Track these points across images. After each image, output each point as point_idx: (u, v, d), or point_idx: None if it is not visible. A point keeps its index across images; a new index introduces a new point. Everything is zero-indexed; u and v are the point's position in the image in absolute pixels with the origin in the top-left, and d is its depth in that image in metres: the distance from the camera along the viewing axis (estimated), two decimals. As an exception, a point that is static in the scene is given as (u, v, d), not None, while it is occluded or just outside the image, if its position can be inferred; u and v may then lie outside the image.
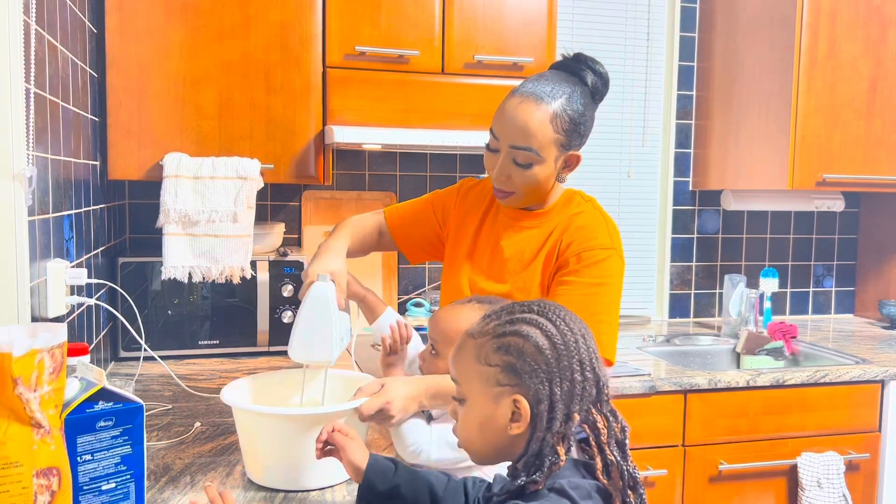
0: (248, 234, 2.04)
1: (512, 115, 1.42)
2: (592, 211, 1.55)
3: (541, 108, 1.41)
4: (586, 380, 0.93)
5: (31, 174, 1.31)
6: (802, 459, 2.25)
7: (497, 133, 1.46)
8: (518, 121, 1.41)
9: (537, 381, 0.91)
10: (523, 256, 1.55)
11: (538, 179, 1.46)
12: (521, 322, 0.94)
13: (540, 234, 1.55)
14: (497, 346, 0.94)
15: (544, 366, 0.91)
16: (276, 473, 1.30)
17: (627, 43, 2.96)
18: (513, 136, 1.42)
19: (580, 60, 1.49)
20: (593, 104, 1.48)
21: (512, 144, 1.43)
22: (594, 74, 1.48)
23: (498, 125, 1.45)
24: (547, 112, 1.41)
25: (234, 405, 1.30)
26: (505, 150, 1.44)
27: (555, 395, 0.90)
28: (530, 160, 1.43)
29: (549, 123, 1.41)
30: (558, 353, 0.92)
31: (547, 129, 1.41)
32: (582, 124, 1.45)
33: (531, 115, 1.41)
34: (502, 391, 0.93)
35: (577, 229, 1.50)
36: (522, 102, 1.42)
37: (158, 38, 2.04)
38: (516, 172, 1.45)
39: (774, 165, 2.63)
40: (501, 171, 1.46)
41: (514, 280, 1.54)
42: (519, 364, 0.92)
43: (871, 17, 2.61)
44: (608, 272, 1.46)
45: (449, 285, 1.64)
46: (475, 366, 0.95)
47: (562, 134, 1.43)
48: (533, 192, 1.49)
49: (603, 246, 1.47)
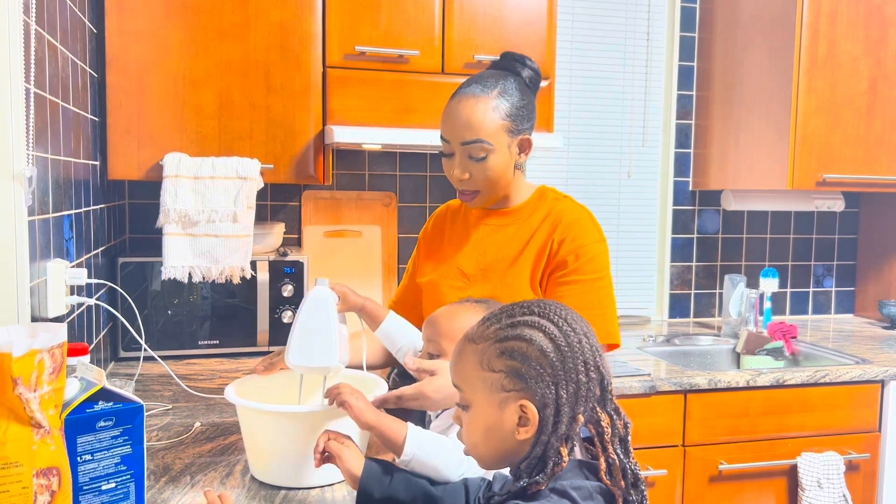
0: (248, 234, 2.05)
1: (455, 114, 1.51)
2: (573, 205, 1.60)
3: (480, 101, 1.49)
4: (591, 380, 0.92)
5: (31, 174, 1.31)
6: (802, 459, 2.25)
7: (447, 136, 1.53)
8: (461, 118, 1.49)
9: (543, 385, 0.90)
10: (507, 255, 1.58)
11: (496, 170, 1.52)
12: (522, 325, 0.93)
13: (521, 232, 1.59)
14: (500, 351, 0.92)
15: (549, 369, 0.90)
16: (278, 471, 1.31)
17: (627, 43, 2.96)
18: (461, 133, 1.50)
19: (508, 57, 1.59)
20: (529, 91, 1.57)
21: (462, 141, 1.50)
22: (525, 66, 1.58)
23: (446, 128, 1.53)
24: (487, 103, 1.49)
25: (238, 403, 1.30)
26: (458, 149, 1.52)
27: (561, 399, 0.90)
28: (484, 151, 1.49)
29: (491, 112, 1.49)
30: (563, 356, 0.91)
31: (490, 117, 1.49)
32: (523, 108, 1.53)
33: (473, 109, 1.49)
34: (508, 397, 0.91)
35: (568, 226, 1.54)
36: (461, 101, 1.51)
37: (158, 38, 2.04)
38: (474, 168, 1.52)
39: (774, 165, 2.63)
40: (461, 170, 1.52)
41: (498, 279, 1.57)
42: (524, 369, 0.90)
43: (871, 17, 2.61)
44: (604, 264, 1.54)
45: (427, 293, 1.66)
46: (478, 372, 0.94)
47: (507, 120, 1.50)
48: (496, 185, 1.55)
49: (594, 240, 1.54)
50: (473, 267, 1.62)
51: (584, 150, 2.95)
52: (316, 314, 1.37)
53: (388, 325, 1.53)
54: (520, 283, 1.54)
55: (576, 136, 2.93)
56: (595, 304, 1.50)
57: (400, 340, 1.52)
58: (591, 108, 2.95)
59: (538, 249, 1.55)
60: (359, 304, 1.52)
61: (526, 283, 1.54)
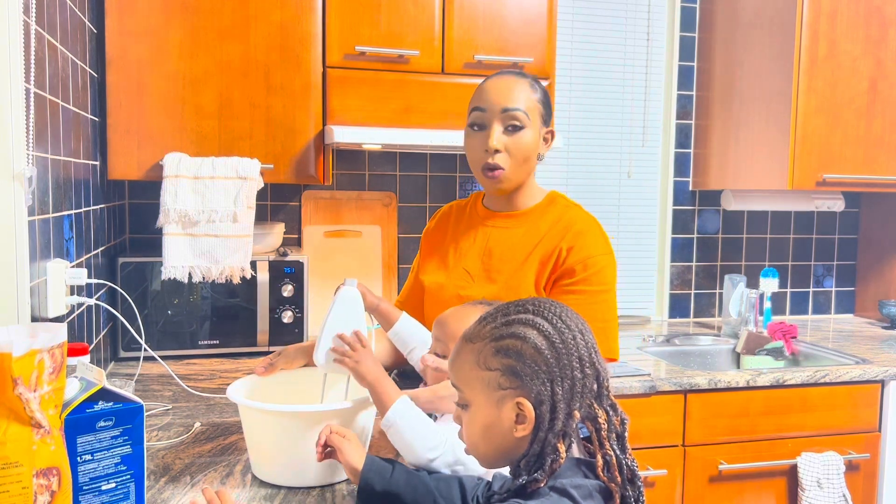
0: (248, 234, 2.05)
1: (497, 86, 1.56)
2: (585, 214, 1.61)
3: (520, 81, 1.57)
4: (586, 376, 0.92)
5: (31, 174, 1.31)
6: (802, 459, 2.25)
7: (484, 105, 1.56)
8: (504, 88, 1.55)
9: (539, 382, 0.90)
10: (514, 257, 1.58)
11: (528, 148, 1.56)
12: (517, 323, 0.94)
13: (529, 235, 1.59)
14: (496, 350, 0.93)
15: (544, 366, 0.91)
16: (279, 470, 1.31)
17: (627, 43, 2.96)
18: (504, 100, 1.54)
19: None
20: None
21: (504, 108, 1.53)
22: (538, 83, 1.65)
23: (483, 98, 1.56)
24: (525, 83, 1.57)
25: (240, 402, 1.30)
26: (497, 117, 1.54)
27: (556, 395, 0.90)
28: (522, 122, 1.54)
29: (530, 90, 1.56)
30: (557, 353, 0.91)
31: (531, 95, 1.56)
32: (548, 104, 1.61)
33: (515, 83, 1.56)
34: (505, 395, 0.92)
35: (577, 235, 1.55)
36: (503, 78, 1.58)
37: (158, 38, 2.04)
38: (509, 141, 1.54)
39: (774, 165, 2.63)
40: (497, 140, 1.54)
41: (504, 281, 1.57)
42: (519, 367, 0.91)
43: (871, 17, 2.61)
44: (610, 277, 1.56)
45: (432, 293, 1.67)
46: (475, 371, 0.94)
47: (541, 105, 1.58)
48: (521, 166, 1.57)
49: (603, 252, 1.56)
50: (478, 267, 1.62)
51: (584, 150, 2.95)
52: (345, 315, 1.38)
53: (401, 326, 1.55)
54: (525, 286, 1.55)
55: (576, 136, 2.93)
56: (597, 317, 1.50)
57: (412, 342, 1.54)
58: (591, 108, 2.95)
59: (545, 253, 1.56)
60: (374, 304, 1.55)
61: (531, 286, 1.55)
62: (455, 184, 2.75)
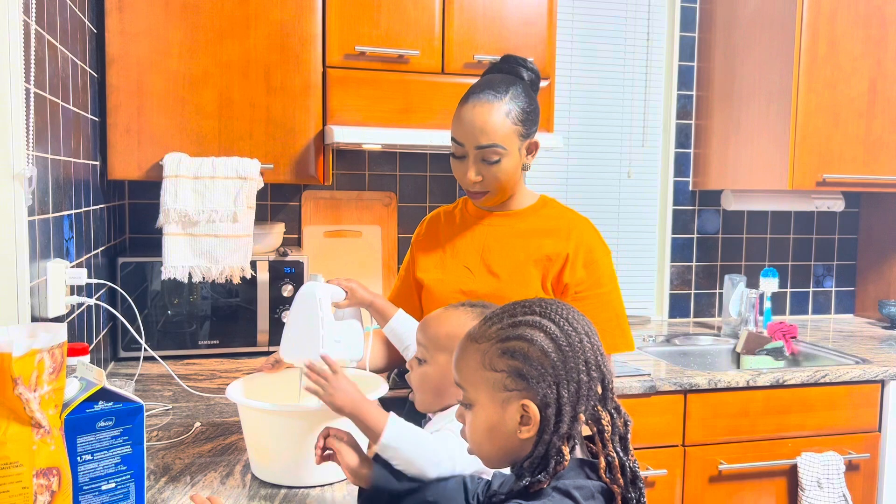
0: (248, 234, 2.05)
1: (470, 119, 1.53)
2: (581, 217, 1.66)
3: (494, 108, 1.52)
4: (592, 379, 0.92)
5: (31, 174, 1.31)
6: (802, 459, 2.25)
7: (460, 140, 1.56)
8: (477, 123, 1.52)
9: (545, 384, 0.90)
10: (514, 252, 1.62)
11: (507, 172, 1.56)
12: (524, 325, 0.93)
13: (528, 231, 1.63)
14: (502, 351, 0.92)
15: (551, 369, 0.90)
16: (279, 469, 1.31)
17: (627, 43, 2.96)
18: (476, 137, 1.53)
19: (509, 61, 1.63)
20: (533, 94, 1.61)
21: (478, 145, 1.53)
22: (527, 70, 1.61)
23: (459, 132, 1.56)
24: (501, 110, 1.52)
25: (239, 402, 1.31)
26: (472, 153, 1.55)
27: (562, 398, 0.90)
28: (498, 154, 1.53)
29: (505, 118, 1.52)
30: (564, 356, 0.91)
31: (506, 123, 1.52)
32: (531, 112, 1.57)
33: (489, 115, 1.52)
34: (510, 396, 0.92)
35: (582, 240, 1.61)
36: (476, 106, 1.53)
37: (158, 37, 2.04)
38: (487, 171, 1.55)
39: (774, 165, 2.63)
40: (474, 172, 1.56)
41: (507, 274, 1.60)
42: (525, 369, 0.91)
43: (871, 17, 2.61)
44: (613, 271, 1.64)
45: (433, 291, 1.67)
46: (480, 371, 0.94)
47: (519, 125, 1.54)
48: (505, 186, 1.59)
49: (606, 252, 1.63)
50: (478, 262, 1.64)
51: (584, 150, 2.95)
52: (302, 309, 1.38)
53: (396, 322, 1.55)
54: (531, 282, 1.58)
55: (576, 136, 2.93)
56: (612, 315, 1.59)
57: (408, 339, 1.53)
58: (591, 108, 2.95)
59: (552, 253, 1.59)
60: (367, 300, 1.55)
61: (537, 283, 1.59)
62: (455, 184, 2.75)
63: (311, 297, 1.38)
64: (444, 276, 1.66)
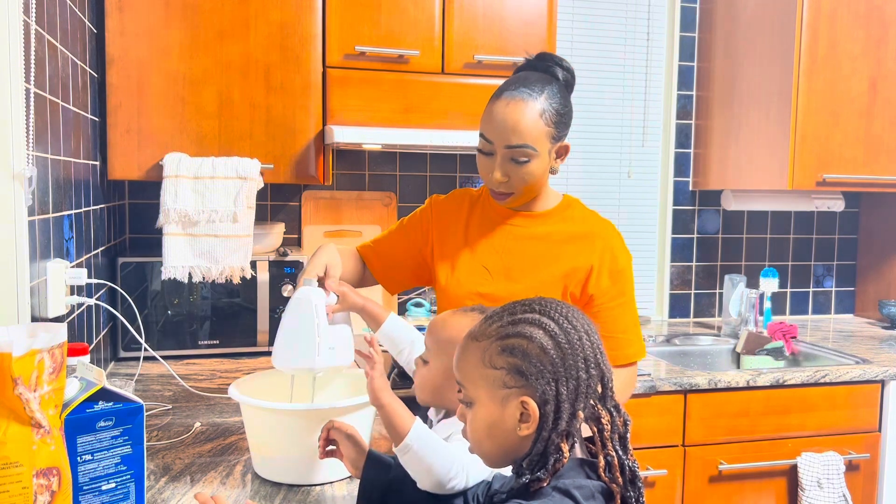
0: (248, 234, 2.05)
1: (502, 117, 1.46)
2: (606, 223, 1.62)
3: (528, 106, 1.46)
4: (591, 377, 0.93)
5: (31, 174, 1.31)
6: (802, 459, 2.25)
7: (490, 137, 1.49)
8: (509, 122, 1.46)
9: (543, 381, 0.91)
10: (536, 258, 1.57)
11: (535, 174, 1.50)
12: (523, 323, 0.94)
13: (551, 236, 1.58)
14: (501, 349, 0.93)
15: (550, 366, 0.91)
16: (281, 468, 1.31)
17: (627, 43, 2.96)
18: (507, 136, 1.46)
19: (545, 59, 1.56)
20: (568, 95, 1.55)
21: (508, 145, 1.47)
22: (562, 69, 1.55)
23: (489, 129, 1.49)
24: (535, 109, 1.46)
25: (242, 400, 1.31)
26: (501, 151, 1.48)
27: (561, 395, 0.91)
28: (527, 156, 1.47)
29: (539, 119, 1.46)
30: (563, 353, 0.92)
31: (538, 124, 1.46)
32: (565, 115, 1.52)
33: (522, 114, 1.45)
34: (509, 393, 0.92)
35: (605, 250, 1.57)
36: (510, 104, 1.47)
37: (158, 38, 2.04)
38: (514, 171, 1.49)
39: (774, 165, 2.63)
40: (501, 172, 1.49)
41: (528, 281, 1.55)
42: (524, 366, 0.91)
43: (871, 17, 2.61)
44: (633, 277, 1.62)
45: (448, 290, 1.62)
46: (480, 369, 0.95)
47: (552, 126, 1.48)
48: (531, 188, 1.53)
49: (628, 259, 1.60)
50: (498, 265, 1.58)
51: (584, 150, 2.95)
52: (297, 315, 1.35)
53: (388, 326, 1.51)
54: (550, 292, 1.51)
55: (576, 136, 2.93)
56: (631, 322, 1.59)
57: (401, 342, 1.50)
58: (591, 108, 2.95)
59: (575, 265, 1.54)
60: (359, 304, 1.51)
61: (559, 287, 1.54)
62: (455, 184, 2.75)
63: (307, 303, 1.35)
64: (460, 276, 1.60)
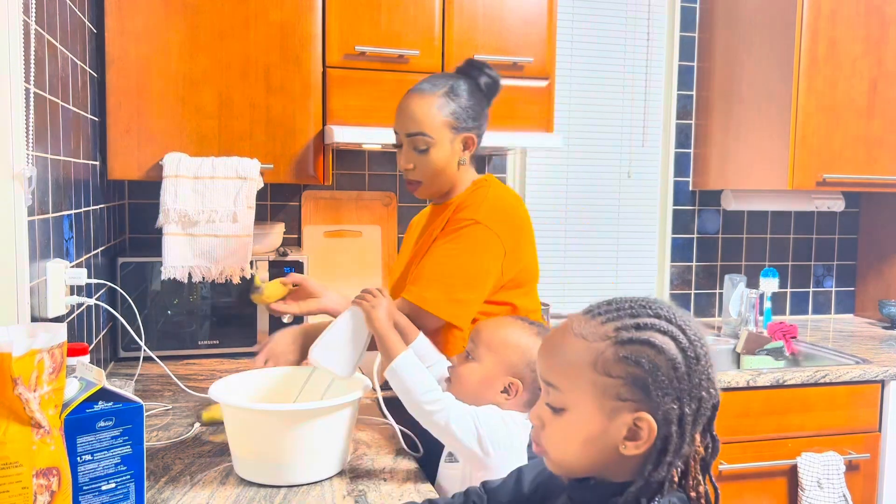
0: (247, 234, 2.04)
1: (403, 108, 1.63)
2: (492, 191, 1.65)
3: (425, 98, 1.61)
4: (711, 397, 0.83)
5: (31, 174, 1.31)
6: (802, 459, 2.25)
7: (396, 128, 1.66)
8: (408, 111, 1.61)
9: (669, 399, 0.80)
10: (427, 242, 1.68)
11: (438, 163, 1.62)
12: (650, 329, 0.83)
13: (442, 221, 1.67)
14: (622, 355, 0.82)
15: (677, 383, 0.81)
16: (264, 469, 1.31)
17: (627, 43, 2.96)
18: (406, 125, 1.62)
19: (470, 64, 1.69)
20: (481, 94, 1.66)
21: (407, 133, 1.62)
22: (484, 75, 1.67)
23: (396, 121, 1.65)
24: (432, 100, 1.60)
25: (223, 401, 1.31)
26: (404, 140, 1.63)
27: (685, 416, 0.81)
28: (426, 144, 1.60)
29: (435, 109, 1.60)
30: (691, 369, 0.82)
31: (434, 113, 1.59)
32: (469, 108, 1.62)
33: (418, 104, 1.60)
34: (622, 406, 0.81)
35: (464, 201, 1.64)
36: (411, 96, 1.63)
37: (158, 38, 2.04)
38: (417, 160, 1.62)
39: (774, 165, 2.63)
40: (406, 160, 1.64)
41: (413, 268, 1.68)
42: (650, 379, 0.80)
43: (871, 17, 2.61)
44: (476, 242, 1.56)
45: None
46: (589, 373, 0.83)
47: (450, 117, 1.60)
48: (437, 177, 1.64)
49: (468, 217, 1.58)
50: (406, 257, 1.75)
51: (584, 150, 2.95)
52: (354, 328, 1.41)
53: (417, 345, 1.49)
54: None
55: (576, 136, 2.93)
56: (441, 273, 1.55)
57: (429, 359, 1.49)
58: (591, 108, 2.95)
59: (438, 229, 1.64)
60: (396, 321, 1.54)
61: None
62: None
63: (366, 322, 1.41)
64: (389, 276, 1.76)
